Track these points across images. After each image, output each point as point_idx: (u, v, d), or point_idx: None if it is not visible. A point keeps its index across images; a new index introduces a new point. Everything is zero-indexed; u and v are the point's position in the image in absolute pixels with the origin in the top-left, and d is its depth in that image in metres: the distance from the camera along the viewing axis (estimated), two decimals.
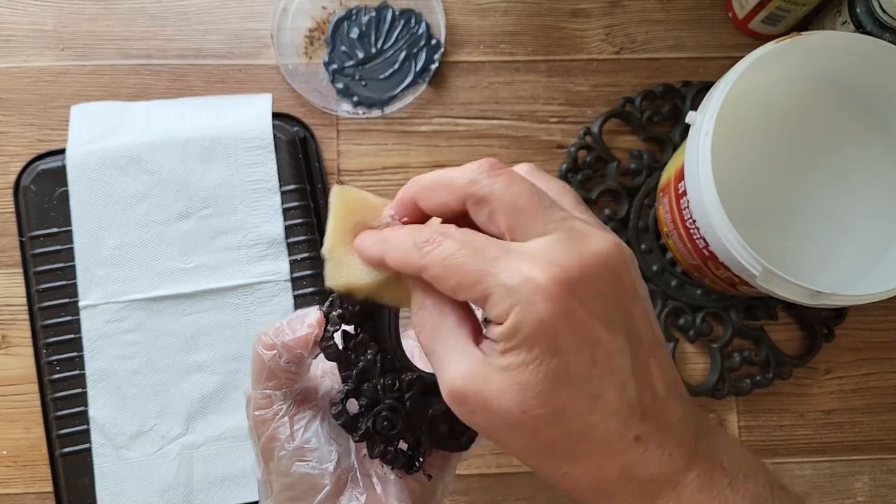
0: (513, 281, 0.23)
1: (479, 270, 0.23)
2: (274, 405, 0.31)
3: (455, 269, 0.24)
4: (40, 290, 0.53)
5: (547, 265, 0.23)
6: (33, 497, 0.53)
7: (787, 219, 0.50)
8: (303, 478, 0.30)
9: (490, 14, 0.59)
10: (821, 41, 0.45)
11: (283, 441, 0.30)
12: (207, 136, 0.54)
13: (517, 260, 0.23)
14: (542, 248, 0.23)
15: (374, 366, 0.30)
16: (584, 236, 0.24)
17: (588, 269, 0.23)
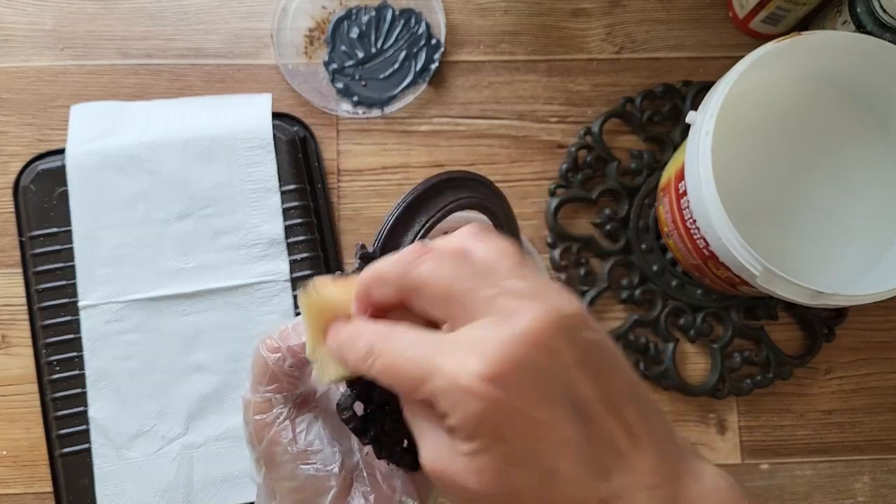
0: (443, 383, 0.23)
1: (418, 374, 0.24)
2: (274, 409, 0.30)
3: (398, 377, 0.25)
4: (40, 290, 0.53)
5: (472, 359, 0.23)
6: (33, 497, 0.53)
7: (788, 219, 0.50)
8: (308, 481, 0.30)
9: (490, 14, 0.59)
10: (821, 41, 0.45)
11: (286, 445, 0.30)
12: (207, 136, 0.54)
13: (446, 356, 0.24)
14: (468, 338, 0.24)
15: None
16: (510, 316, 0.24)
17: (515, 352, 0.23)
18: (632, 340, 0.55)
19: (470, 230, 0.27)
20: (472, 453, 0.24)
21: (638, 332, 0.56)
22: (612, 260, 0.56)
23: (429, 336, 0.25)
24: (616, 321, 0.56)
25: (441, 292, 0.25)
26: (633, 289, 0.56)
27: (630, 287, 0.56)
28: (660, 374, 0.55)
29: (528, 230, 0.57)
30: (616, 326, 0.56)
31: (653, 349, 0.55)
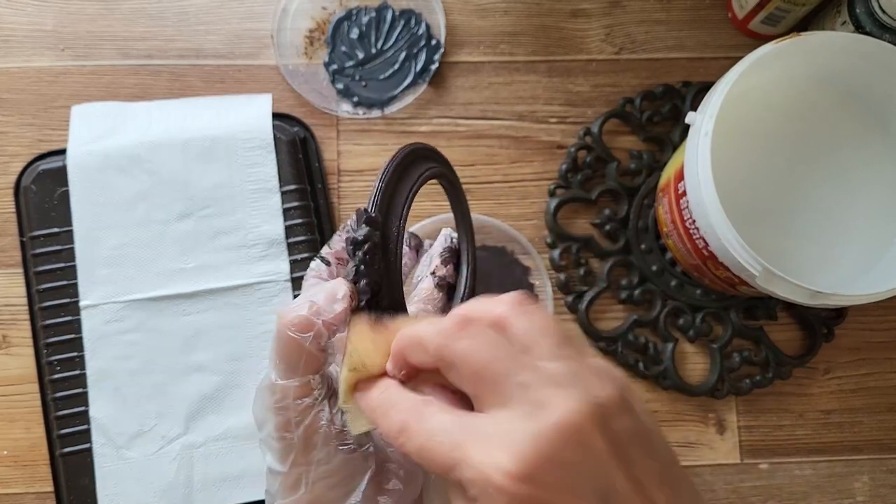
0: (471, 475, 0.23)
1: (449, 460, 0.24)
2: (315, 390, 0.29)
3: (429, 460, 0.25)
4: (41, 290, 0.53)
5: (502, 454, 0.23)
6: (33, 497, 0.53)
7: (787, 219, 0.50)
8: (346, 462, 0.29)
9: (490, 14, 0.59)
10: (820, 41, 0.45)
11: (326, 426, 0.29)
12: (207, 137, 0.54)
13: (477, 446, 0.24)
14: (499, 429, 0.24)
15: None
16: (543, 407, 0.24)
17: (545, 448, 0.23)
18: (631, 340, 0.55)
19: (514, 300, 0.27)
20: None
21: (637, 331, 0.56)
22: (612, 260, 0.56)
23: (461, 420, 0.25)
24: (615, 321, 0.56)
25: (478, 371, 0.25)
26: (632, 289, 0.56)
27: (629, 287, 0.56)
28: (659, 374, 0.55)
29: (528, 230, 0.57)
30: (615, 326, 0.56)
31: (652, 349, 0.55)
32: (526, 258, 0.57)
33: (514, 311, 0.26)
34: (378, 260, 0.29)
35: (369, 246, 0.29)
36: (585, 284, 0.56)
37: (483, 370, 0.25)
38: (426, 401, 0.26)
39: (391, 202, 0.31)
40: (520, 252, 0.57)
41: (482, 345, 0.25)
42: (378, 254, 0.30)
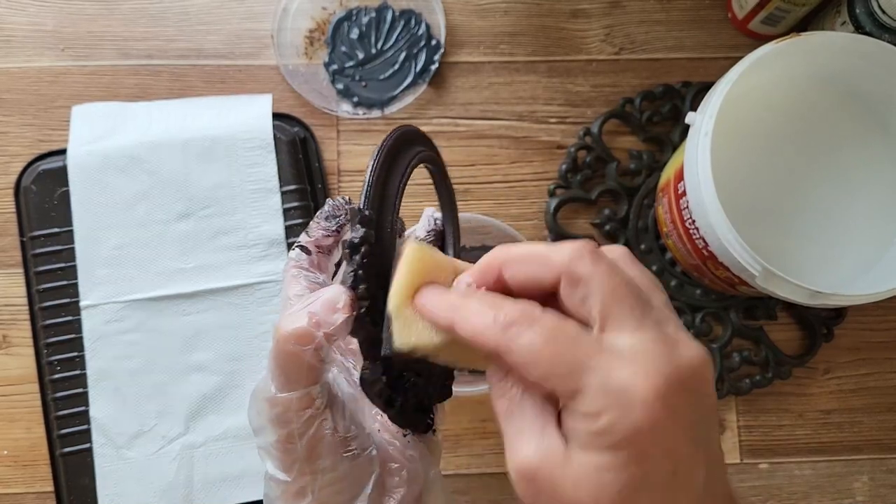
0: (611, 383, 0.22)
1: (573, 363, 0.23)
2: (316, 401, 0.28)
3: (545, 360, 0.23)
4: (41, 290, 0.53)
5: (645, 372, 0.22)
6: (34, 497, 0.53)
7: (787, 219, 0.50)
8: (352, 468, 0.29)
9: (490, 15, 0.59)
10: (820, 42, 0.45)
11: (329, 435, 0.28)
12: (208, 137, 0.54)
13: (614, 360, 0.23)
14: (638, 350, 0.23)
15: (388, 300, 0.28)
16: (678, 343, 0.24)
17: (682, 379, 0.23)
18: None
19: (624, 252, 0.27)
20: (598, 465, 0.22)
21: None
22: None
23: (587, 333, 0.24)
24: None
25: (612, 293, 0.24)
26: None
27: None
28: None
29: (527, 230, 0.57)
30: None
31: None
32: None
33: (628, 262, 0.26)
34: (376, 262, 0.28)
35: (367, 249, 0.27)
36: None
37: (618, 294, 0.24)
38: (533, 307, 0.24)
39: (383, 196, 0.29)
40: None
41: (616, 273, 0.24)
42: (376, 255, 0.28)
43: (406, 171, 0.31)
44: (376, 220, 0.28)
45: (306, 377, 0.27)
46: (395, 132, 0.31)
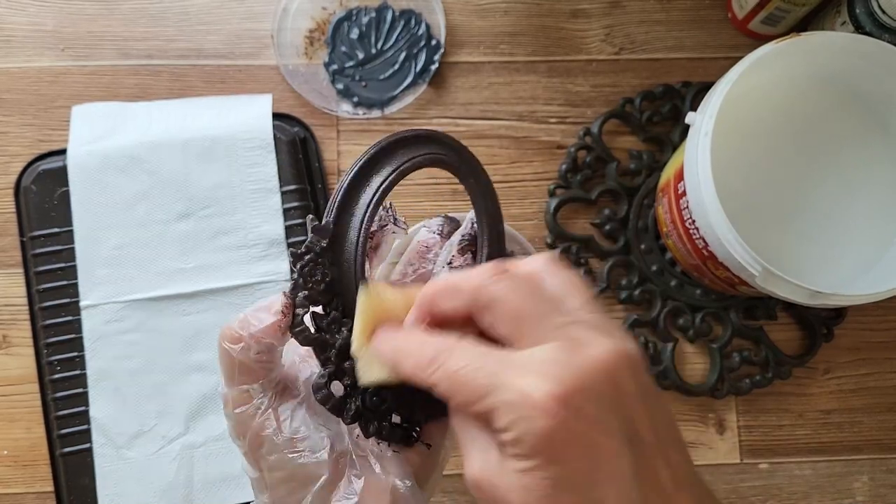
0: (511, 397, 0.24)
1: (482, 387, 0.24)
2: (254, 399, 0.30)
3: (460, 388, 0.25)
4: (41, 290, 0.53)
5: (542, 379, 0.24)
6: (34, 497, 0.53)
7: (787, 219, 0.50)
8: (298, 469, 0.30)
9: (490, 15, 0.59)
10: (820, 42, 0.45)
11: (272, 435, 0.30)
12: (208, 137, 0.54)
13: (515, 373, 0.24)
14: (538, 359, 0.24)
15: (350, 343, 0.29)
16: (581, 344, 0.25)
17: (584, 378, 0.24)
18: None
19: (545, 260, 0.28)
20: (524, 470, 0.24)
21: (637, 331, 0.56)
22: (612, 260, 0.56)
23: (496, 353, 0.25)
24: (615, 321, 0.56)
25: (515, 311, 0.25)
26: (632, 289, 0.56)
27: (629, 287, 0.56)
28: (659, 374, 0.55)
29: (527, 230, 0.57)
30: None
31: (652, 349, 0.55)
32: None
33: (547, 267, 0.27)
34: (321, 271, 0.29)
35: (309, 258, 0.29)
36: None
37: (520, 310, 0.25)
38: (459, 336, 0.26)
39: (348, 205, 0.31)
40: (520, 252, 0.56)
41: (520, 288, 0.26)
42: (322, 265, 0.29)
43: (390, 176, 0.31)
44: (336, 228, 0.30)
45: (239, 376, 0.30)
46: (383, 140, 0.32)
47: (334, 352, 0.29)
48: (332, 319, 0.30)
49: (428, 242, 0.35)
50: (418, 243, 0.35)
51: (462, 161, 0.34)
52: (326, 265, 0.30)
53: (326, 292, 0.30)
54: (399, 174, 0.31)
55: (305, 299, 0.29)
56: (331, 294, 0.30)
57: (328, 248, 0.30)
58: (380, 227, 0.34)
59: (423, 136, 0.32)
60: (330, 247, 0.30)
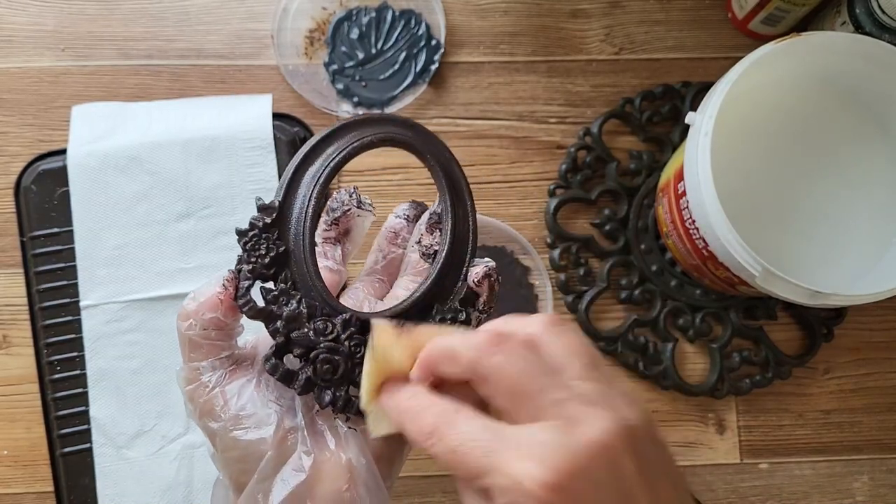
0: (505, 483, 0.24)
1: (479, 466, 0.24)
2: (202, 376, 0.30)
3: (458, 464, 0.25)
4: (41, 290, 0.53)
5: (535, 464, 0.23)
6: (34, 497, 0.53)
7: (787, 219, 0.50)
8: (247, 447, 0.29)
9: (490, 15, 0.59)
10: (820, 42, 0.45)
11: (219, 412, 0.30)
12: (208, 137, 0.54)
13: (509, 455, 0.24)
14: (532, 440, 0.24)
15: (300, 313, 0.30)
16: (577, 423, 0.24)
17: (577, 462, 0.23)
18: (631, 340, 0.55)
19: (546, 321, 0.27)
20: None
21: (637, 331, 0.56)
22: (612, 260, 0.56)
23: (493, 428, 0.25)
24: (615, 321, 0.56)
25: (511, 386, 0.25)
26: (632, 289, 0.56)
27: (629, 287, 0.56)
28: (659, 374, 0.55)
29: (527, 230, 0.57)
30: (615, 326, 0.56)
31: (652, 349, 0.55)
32: (526, 258, 0.57)
33: (546, 332, 0.27)
34: (266, 245, 0.30)
35: (253, 233, 0.31)
36: (585, 284, 0.56)
37: (517, 385, 0.25)
38: (457, 407, 0.26)
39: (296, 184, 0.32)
40: (520, 252, 0.57)
41: (517, 360, 0.26)
42: (267, 240, 0.31)
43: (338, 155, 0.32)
44: (282, 205, 0.31)
45: (190, 353, 0.30)
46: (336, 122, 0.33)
47: (282, 322, 0.30)
48: (280, 292, 0.30)
49: (395, 228, 0.35)
50: (387, 230, 0.35)
51: (419, 139, 0.34)
52: (271, 240, 0.31)
53: (273, 266, 0.31)
54: (347, 153, 0.33)
55: (250, 273, 0.30)
56: (279, 268, 0.31)
57: (274, 224, 0.31)
58: (343, 212, 0.34)
59: (375, 119, 0.34)
60: (277, 223, 0.31)
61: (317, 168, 0.32)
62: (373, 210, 0.36)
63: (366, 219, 0.35)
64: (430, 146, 0.34)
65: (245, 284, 0.30)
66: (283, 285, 0.30)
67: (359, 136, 0.33)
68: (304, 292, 0.31)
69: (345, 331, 0.30)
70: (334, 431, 0.30)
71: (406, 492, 0.54)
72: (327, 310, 0.31)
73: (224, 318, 0.30)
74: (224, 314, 0.30)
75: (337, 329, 0.30)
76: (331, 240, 0.34)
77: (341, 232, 0.35)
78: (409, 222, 0.35)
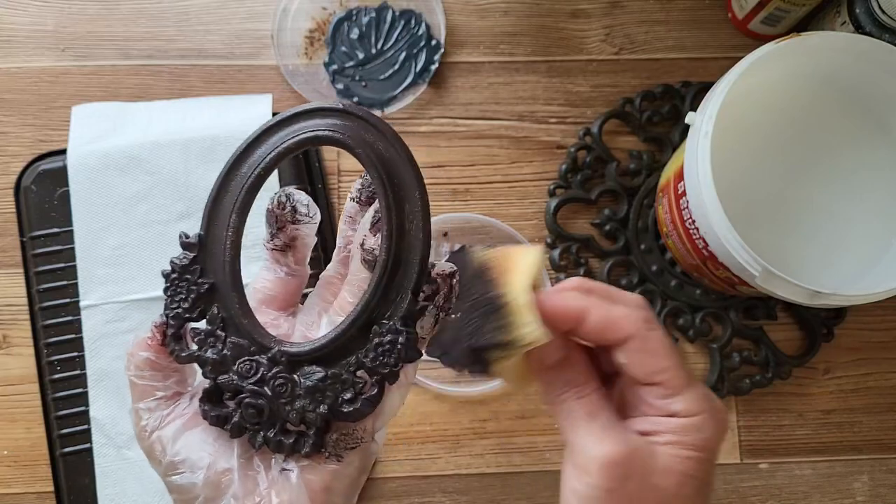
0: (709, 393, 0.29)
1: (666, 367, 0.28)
2: (142, 420, 0.29)
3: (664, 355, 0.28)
4: (41, 290, 0.53)
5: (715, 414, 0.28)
6: (34, 497, 0.53)
7: (787, 219, 0.50)
8: (183, 490, 0.29)
9: (490, 15, 0.59)
10: (820, 42, 0.45)
11: (158, 457, 0.29)
12: (208, 137, 0.54)
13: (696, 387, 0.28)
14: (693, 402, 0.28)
15: (224, 356, 0.29)
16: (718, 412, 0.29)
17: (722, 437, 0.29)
18: None
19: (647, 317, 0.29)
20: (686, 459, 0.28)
21: None
22: (612, 260, 0.56)
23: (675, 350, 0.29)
24: None
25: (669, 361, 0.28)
26: (632, 289, 0.56)
27: (629, 287, 0.56)
28: None
29: (527, 230, 0.57)
30: None
31: None
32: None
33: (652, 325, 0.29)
34: (187, 287, 0.30)
35: (173, 277, 0.30)
36: None
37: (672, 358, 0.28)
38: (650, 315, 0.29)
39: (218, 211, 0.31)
40: None
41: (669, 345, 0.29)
42: (188, 280, 0.30)
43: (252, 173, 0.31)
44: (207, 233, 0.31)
45: (132, 394, 0.30)
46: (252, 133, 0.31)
47: (208, 367, 0.29)
48: (206, 333, 0.29)
49: (350, 212, 0.33)
50: (345, 213, 0.33)
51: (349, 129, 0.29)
52: (193, 280, 0.30)
53: (198, 306, 0.30)
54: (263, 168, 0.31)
55: (173, 319, 0.29)
56: (206, 305, 0.30)
57: (196, 261, 0.30)
58: (278, 228, 0.32)
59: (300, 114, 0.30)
60: (200, 258, 0.30)
61: (233, 190, 0.31)
62: (313, 217, 0.33)
63: (308, 226, 0.33)
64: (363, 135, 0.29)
65: (170, 332, 0.29)
66: (210, 326, 0.29)
67: (276, 142, 0.31)
68: (233, 330, 0.29)
69: (271, 369, 0.29)
70: (269, 473, 0.29)
71: (406, 492, 0.54)
72: (255, 347, 0.29)
73: (158, 360, 0.29)
74: (157, 356, 0.29)
75: (262, 370, 0.29)
76: (279, 247, 0.32)
77: (288, 240, 0.33)
78: (360, 204, 0.32)
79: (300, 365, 0.29)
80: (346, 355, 0.29)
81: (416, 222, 0.29)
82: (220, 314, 0.29)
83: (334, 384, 0.28)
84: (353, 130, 0.29)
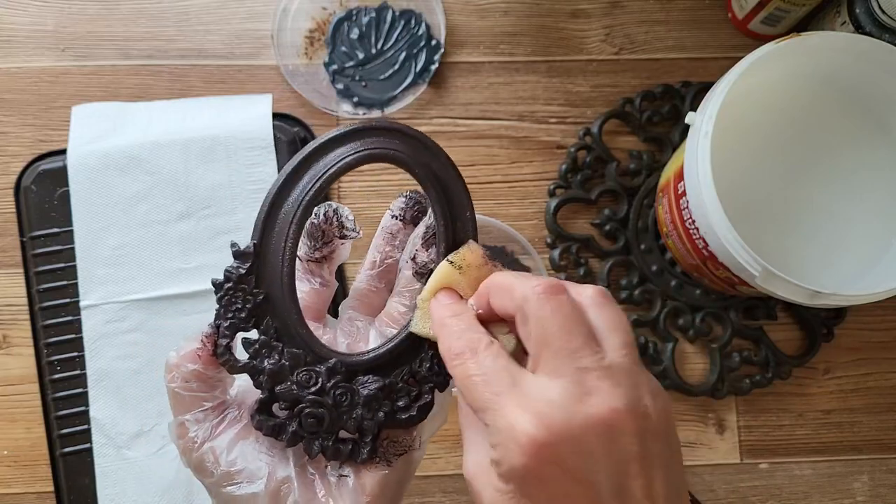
0: (501, 424, 0.25)
1: (484, 401, 0.26)
2: (189, 432, 0.29)
3: (469, 392, 0.26)
4: (41, 290, 0.53)
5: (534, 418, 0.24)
6: (34, 497, 0.53)
7: (787, 219, 0.50)
8: (242, 501, 0.29)
9: (490, 15, 0.59)
10: (820, 42, 0.45)
11: (211, 468, 0.29)
12: (208, 137, 0.54)
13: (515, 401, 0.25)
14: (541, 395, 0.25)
15: (282, 366, 0.29)
16: (589, 394, 0.25)
17: (574, 430, 0.24)
18: None
19: (600, 291, 0.28)
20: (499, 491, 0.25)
21: (637, 331, 0.56)
22: (612, 260, 0.56)
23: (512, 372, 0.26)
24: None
25: (546, 336, 0.26)
26: (632, 289, 0.56)
27: (629, 287, 0.56)
28: (659, 374, 0.55)
29: (527, 230, 0.57)
30: None
31: (652, 349, 0.55)
32: (526, 258, 0.57)
33: (597, 301, 0.28)
34: (242, 298, 0.29)
35: (228, 287, 0.30)
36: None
37: (552, 336, 0.26)
38: (490, 342, 0.27)
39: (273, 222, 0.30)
40: (520, 252, 0.57)
41: (562, 315, 0.26)
42: (244, 290, 0.30)
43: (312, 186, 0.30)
44: (261, 244, 0.30)
45: (176, 406, 0.30)
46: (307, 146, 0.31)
47: (265, 378, 0.29)
48: (261, 343, 0.30)
49: (392, 229, 0.33)
50: (383, 230, 0.33)
51: (408, 148, 0.32)
52: (249, 290, 0.30)
53: (252, 317, 0.30)
54: (324, 181, 0.31)
55: (227, 329, 0.29)
56: (259, 317, 0.30)
57: (251, 271, 0.30)
58: (324, 243, 0.32)
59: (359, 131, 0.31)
60: (254, 269, 0.30)
61: (293, 201, 0.30)
62: (358, 233, 0.33)
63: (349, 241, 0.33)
64: (420, 155, 0.32)
65: (224, 342, 0.29)
66: (265, 337, 0.30)
67: (338, 156, 0.31)
68: (288, 340, 0.30)
69: (330, 379, 0.29)
70: (324, 479, 0.30)
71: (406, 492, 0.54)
72: (311, 357, 0.30)
73: (205, 371, 0.29)
74: (205, 367, 0.29)
75: (322, 379, 0.29)
76: (315, 260, 0.33)
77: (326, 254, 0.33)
78: (404, 222, 0.33)
79: (355, 374, 0.30)
80: (397, 365, 0.30)
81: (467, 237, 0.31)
82: (273, 324, 0.30)
83: (390, 393, 0.30)
84: (411, 150, 0.32)
